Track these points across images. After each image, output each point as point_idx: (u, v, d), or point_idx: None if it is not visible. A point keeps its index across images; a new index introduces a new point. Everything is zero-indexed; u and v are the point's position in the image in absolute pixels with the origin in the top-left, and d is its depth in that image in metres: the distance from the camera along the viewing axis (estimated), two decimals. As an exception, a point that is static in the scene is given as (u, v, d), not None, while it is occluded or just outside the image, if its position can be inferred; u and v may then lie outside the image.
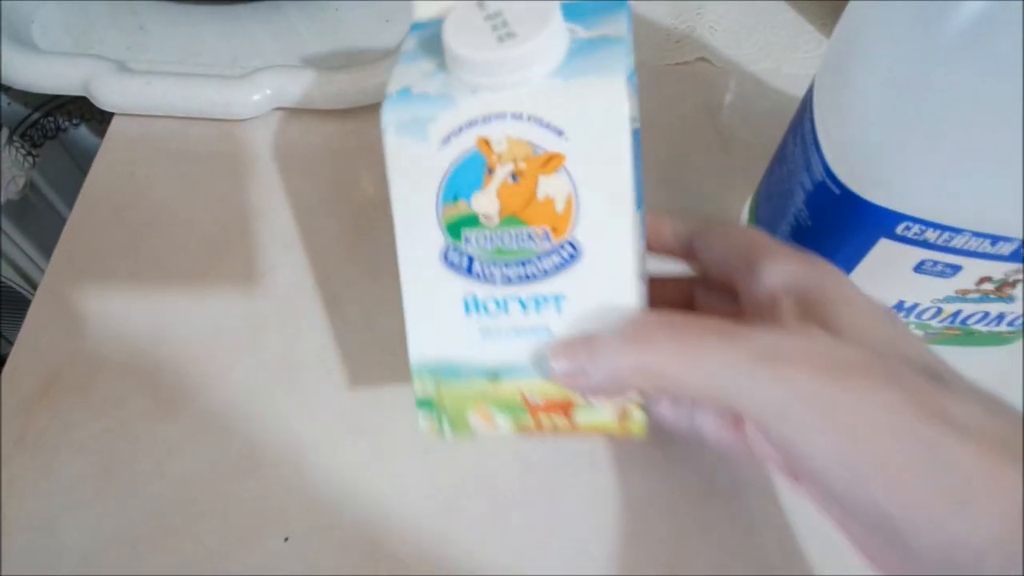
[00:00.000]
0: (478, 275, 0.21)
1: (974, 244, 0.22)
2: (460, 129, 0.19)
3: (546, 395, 0.21)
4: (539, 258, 0.20)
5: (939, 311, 0.26)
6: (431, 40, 0.21)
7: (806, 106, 0.26)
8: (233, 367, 0.29)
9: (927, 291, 0.25)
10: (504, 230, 0.20)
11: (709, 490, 0.27)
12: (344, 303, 0.31)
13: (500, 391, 0.22)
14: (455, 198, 0.20)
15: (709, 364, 0.18)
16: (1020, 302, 0.25)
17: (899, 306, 0.26)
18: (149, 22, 0.38)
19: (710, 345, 0.18)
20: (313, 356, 0.30)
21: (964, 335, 0.27)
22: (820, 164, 0.24)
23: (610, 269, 0.20)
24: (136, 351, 0.29)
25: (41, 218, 0.51)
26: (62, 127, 0.50)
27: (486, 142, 0.19)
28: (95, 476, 0.27)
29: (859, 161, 0.23)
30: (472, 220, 0.20)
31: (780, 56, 0.39)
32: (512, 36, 0.19)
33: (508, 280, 0.21)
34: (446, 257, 0.21)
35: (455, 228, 0.20)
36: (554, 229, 0.20)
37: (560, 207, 0.20)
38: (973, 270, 0.23)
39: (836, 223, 0.24)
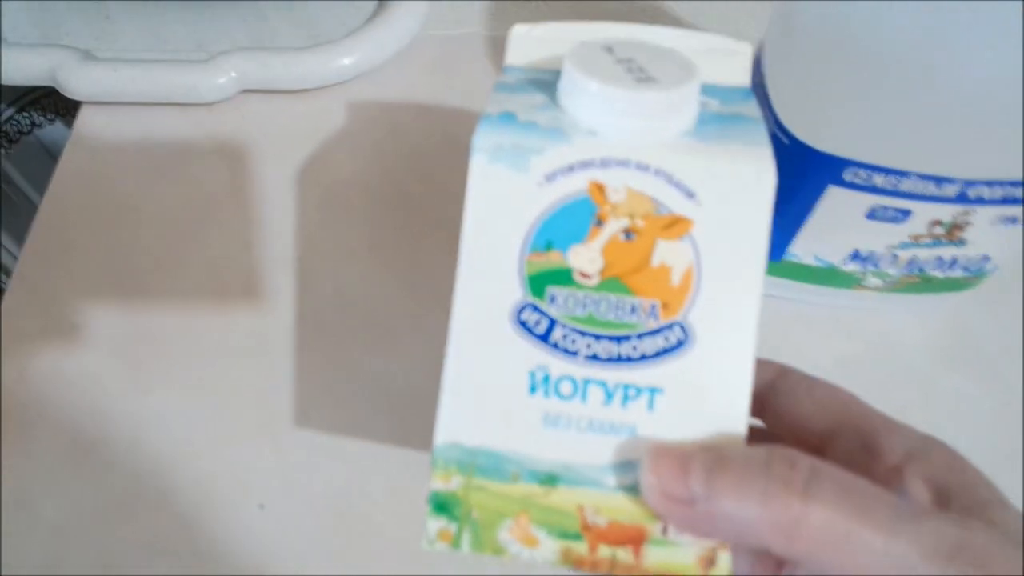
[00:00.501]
0: (556, 345, 0.17)
1: (920, 187, 0.23)
2: (571, 168, 0.17)
3: (614, 517, 0.17)
4: (640, 337, 0.17)
5: (895, 258, 0.26)
6: (538, 80, 0.19)
7: (756, 64, 0.26)
8: (205, 343, 0.30)
9: (881, 238, 0.25)
10: (603, 295, 0.17)
11: None
12: (316, 278, 0.31)
13: (553, 501, 0.17)
14: (548, 246, 0.17)
15: (882, 544, 0.14)
16: (973, 246, 0.25)
17: (855, 255, 0.26)
18: (115, 12, 0.39)
19: (886, 519, 0.14)
20: (285, 330, 0.30)
21: (923, 282, 0.28)
22: (771, 116, 0.25)
23: (724, 367, 0.17)
24: (109, 331, 0.30)
25: (19, 213, 0.51)
26: (37, 123, 0.50)
27: (600, 188, 0.17)
28: (71, 453, 0.27)
29: (806, 111, 0.24)
30: (564, 276, 0.17)
31: (736, 18, 0.40)
32: (651, 80, 0.17)
33: (595, 358, 0.17)
34: (519, 316, 0.17)
35: (539, 282, 0.17)
36: (665, 305, 0.17)
37: (676, 280, 0.17)
38: (923, 214, 0.24)
39: (787, 172, 0.24)
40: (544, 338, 0.17)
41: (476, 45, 0.39)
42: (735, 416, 0.17)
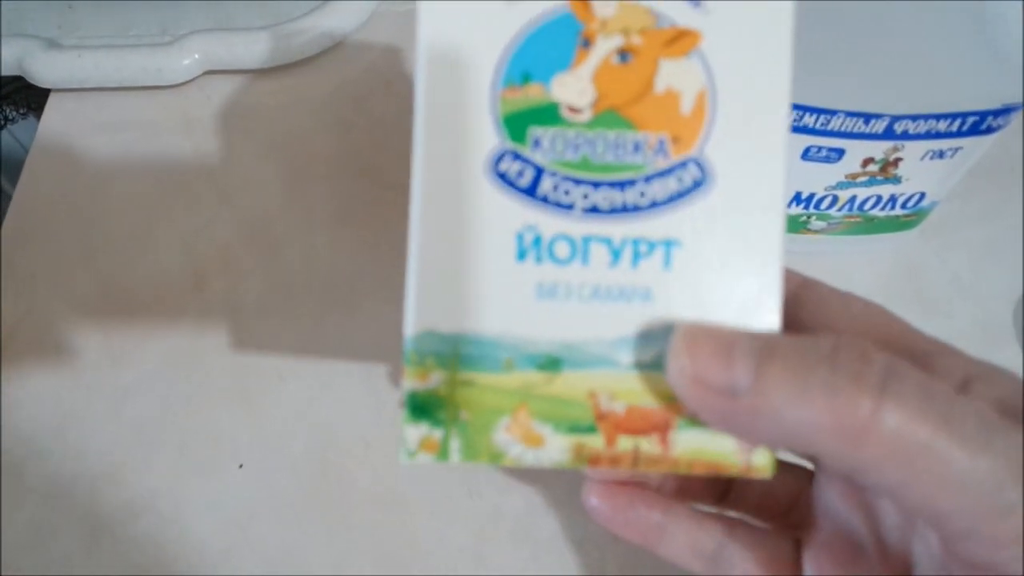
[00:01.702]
0: (546, 198, 0.14)
1: (850, 124, 0.24)
2: None
3: (634, 401, 0.14)
4: (648, 180, 0.14)
5: (835, 199, 0.27)
6: None
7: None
8: (179, 315, 0.31)
9: (818, 179, 0.26)
10: (598, 133, 0.14)
11: None
12: (283, 248, 0.32)
13: (557, 388, 0.14)
14: (525, 78, 0.14)
15: (967, 459, 0.12)
16: (908, 183, 0.27)
17: (796, 197, 0.27)
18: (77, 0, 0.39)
19: (974, 431, 0.12)
20: (254, 300, 0.31)
21: (865, 222, 0.29)
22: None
23: (752, 208, 0.14)
24: (86, 307, 0.31)
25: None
26: (10, 117, 0.50)
27: (584, 0, 0.14)
28: (53, 424, 0.28)
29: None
30: (548, 113, 0.14)
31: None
32: None
33: (595, 211, 0.14)
34: (497, 166, 0.14)
35: (518, 123, 0.14)
36: (675, 139, 0.14)
37: (687, 107, 0.14)
38: (856, 152, 0.25)
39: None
40: (530, 191, 0.14)
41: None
42: (768, 268, 0.14)
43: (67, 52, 0.36)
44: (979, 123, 0.24)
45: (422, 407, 0.14)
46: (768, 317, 0.14)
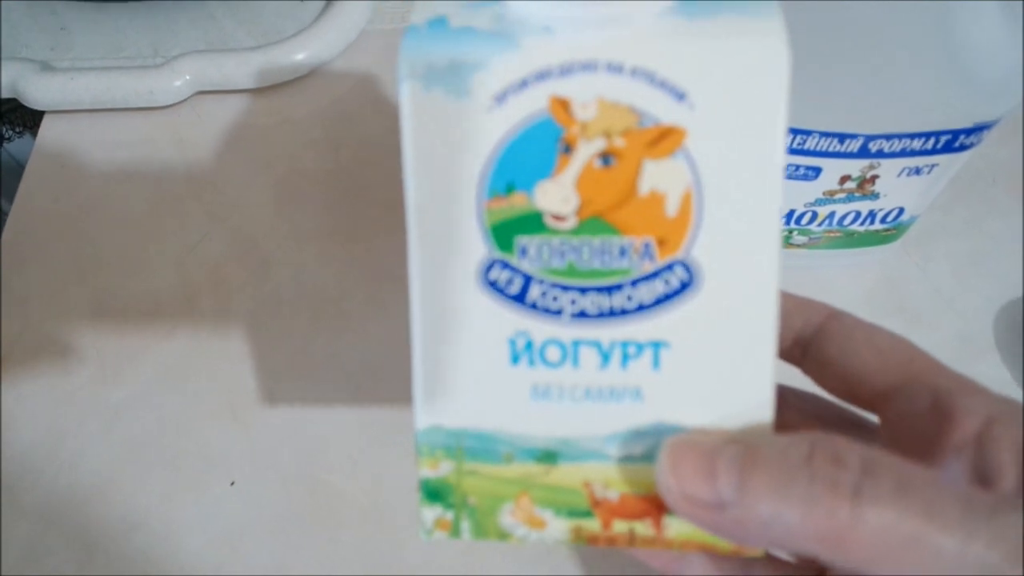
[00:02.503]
0: (535, 305, 0.14)
1: (825, 144, 0.24)
2: (524, 83, 0.13)
3: (627, 489, 0.15)
4: (634, 284, 0.14)
5: (815, 215, 0.28)
6: None
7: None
8: (171, 334, 0.31)
9: (797, 196, 0.27)
10: (583, 240, 0.14)
11: None
12: (273, 266, 0.33)
13: (555, 479, 0.15)
14: (509, 188, 0.14)
15: (956, 547, 0.12)
16: (886, 199, 0.27)
17: (777, 213, 0.28)
18: (70, 22, 0.40)
19: (959, 518, 0.12)
20: (245, 317, 0.31)
21: (846, 237, 0.29)
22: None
23: (741, 309, 0.14)
24: (79, 325, 0.31)
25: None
26: (6, 136, 0.51)
27: (564, 104, 0.13)
28: (47, 443, 0.28)
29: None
30: (533, 222, 0.14)
31: None
32: None
33: (583, 315, 0.14)
34: (487, 276, 0.14)
35: (505, 233, 0.14)
36: (661, 242, 0.14)
37: (672, 209, 0.14)
38: (832, 170, 0.26)
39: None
40: (520, 299, 0.14)
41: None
42: (759, 368, 0.14)
43: (60, 75, 0.36)
44: (952, 141, 0.24)
45: (435, 492, 0.15)
46: (761, 412, 0.14)
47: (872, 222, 0.28)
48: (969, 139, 0.24)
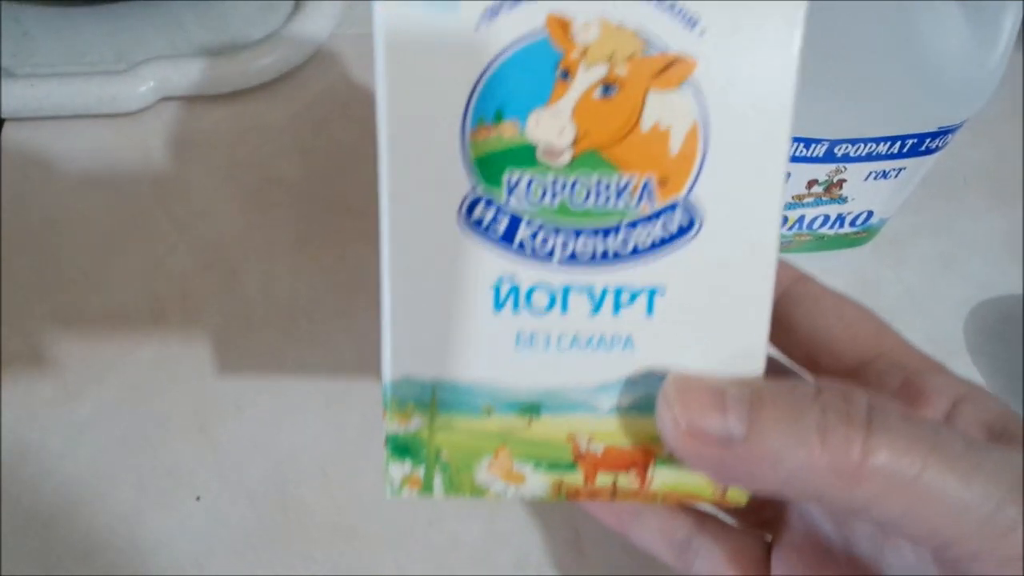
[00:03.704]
0: (524, 247, 0.13)
1: (791, 149, 0.24)
2: None
3: (613, 442, 0.14)
4: (631, 226, 0.13)
5: (784, 219, 0.28)
6: None
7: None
8: (137, 348, 0.30)
9: (767, 200, 0.27)
10: (578, 176, 0.13)
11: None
12: (241, 276, 0.32)
13: (537, 433, 0.14)
14: (498, 116, 0.13)
15: (958, 484, 0.12)
16: (854, 202, 0.27)
17: (747, 218, 0.28)
18: (33, 28, 0.39)
19: (962, 454, 0.12)
20: (213, 330, 0.31)
21: (816, 240, 0.29)
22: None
23: (741, 255, 0.13)
24: (42, 341, 0.30)
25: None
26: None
27: (563, 24, 0.12)
28: (8, 462, 0.28)
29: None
30: (524, 154, 0.13)
31: None
32: None
33: (574, 259, 0.13)
34: (470, 214, 0.13)
35: (492, 166, 0.13)
36: (662, 181, 0.13)
37: (676, 145, 0.13)
38: (800, 174, 0.25)
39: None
40: (506, 240, 0.13)
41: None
42: (754, 317, 0.13)
43: (20, 81, 0.35)
44: (918, 145, 0.24)
45: (403, 448, 0.15)
46: (752, 364, 0.14)
47: (841, 225, 0.28)
48: (935, 142, 0.24)
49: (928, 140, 0.24)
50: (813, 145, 0.24)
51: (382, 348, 0.14)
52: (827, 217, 0.28)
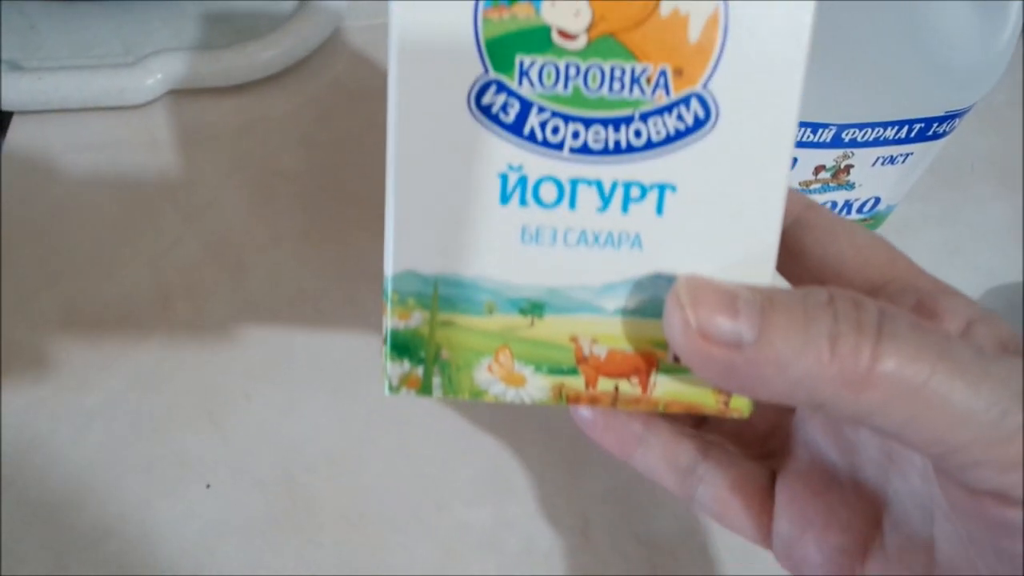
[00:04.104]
0: (534, 135, 0.13)
1: (799, 134, 0.24)
2: None
3: (616, 345, 0.14)
4: (645, 117, 0.13)
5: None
6: None
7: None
8: (145, 338, 0.30)
9: (773, 186, 0.27)
10: (593, 62, 0.13)
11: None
12: (248, 268, 0.32)
13: (540, 332, 0.14)
14: None
15: (965, 392, 0.12)
16: (861, 188, 0.27)
17: (754, 205, 0.28)
18: (39, 21, 0.39)
19: (971, 362, 0.12)
20: (220, 319, 0.31)
21: (823, 228, 0.29)
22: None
23: (756, 153, 0.13)
24: (50, 331, 0.31)
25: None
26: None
27: None
28: (17, 452, 0.28)
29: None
30: (538, 37, 0.12)
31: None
32: None
33: (585, 151, 0.13)
34: (480, 99, 0.13)
35: (503, 50, 0.13)
36: (678, 71, 0.13)
37: (695, 33, 0.12)
38: (807, 160, 0.25)
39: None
40: (516, 128, 0.13)
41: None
42: (766, 219, 0.13)
43: (28, 75, 0.35)
44: (925, 129, 0.24)
45: (403, 345, 0.14)
46: (762, 268, 0.14)
47: (849, 212, 0.28)
48: (942, 127, 0.24)
49: (935, 125, 0.24)
50: (820, 130, 0.24)
51: (386, 239, 0.14)
52: (834, 203, 0.28)
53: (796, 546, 0.16)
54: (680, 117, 0.13)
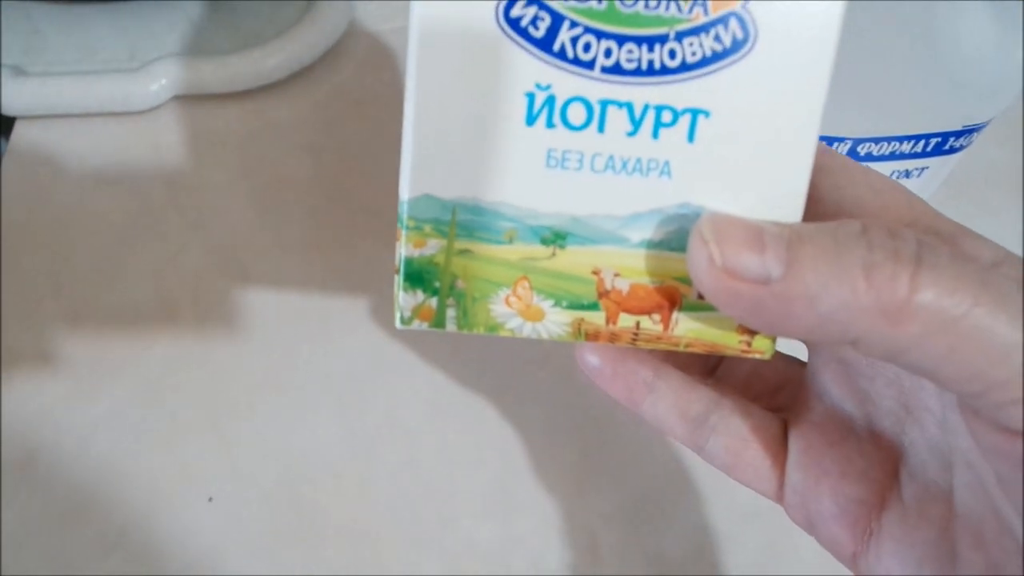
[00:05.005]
0: (564, 53, 0.12)
1: (814, 148, 0.24)
2: None
3: (639, 279, 0.14)
4: (679, 37, 0.12)
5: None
6: None
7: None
8: (150, 347, 0.30)
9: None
10: None
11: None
12: (253, 275, 0.32)
13: (561, 264, 0.14)
14: None
15: (1007, 322, 0.12)
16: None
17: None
18: (44, 25, 0.39)
19: (1009, 294, 0.12)
20: (225, 329, 0.31)
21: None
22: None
23: (794, 76, 0.12)
24: (54, 340, 0.30)
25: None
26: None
27: None
28: (19, 462, 0.28)
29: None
30: None
31: None
32: None
33: (617, 70, 0.12)
34: (508, 11, 0.12)
35: None
36: None
37: None
38: (821, 174, 0.25)
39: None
40: (545, 44, 0.12)
41: (406, 40, 0.39)
42: (800, 151, 0.13)
43: (32, 79, 0.35)
44: (942, 144, 0.24)
45: (417, 274, 0.14)
46: (793, 203, 0.13)
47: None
48: (959, 141, 0.24)
49: (952, 139, 0.24)
50: (836, 144, 0.23)
51: (403, 161, 0.13)
52: (847, 217, 0.27)
53: (810, 497, 0.16)
54: (717, 38, 0.12)
